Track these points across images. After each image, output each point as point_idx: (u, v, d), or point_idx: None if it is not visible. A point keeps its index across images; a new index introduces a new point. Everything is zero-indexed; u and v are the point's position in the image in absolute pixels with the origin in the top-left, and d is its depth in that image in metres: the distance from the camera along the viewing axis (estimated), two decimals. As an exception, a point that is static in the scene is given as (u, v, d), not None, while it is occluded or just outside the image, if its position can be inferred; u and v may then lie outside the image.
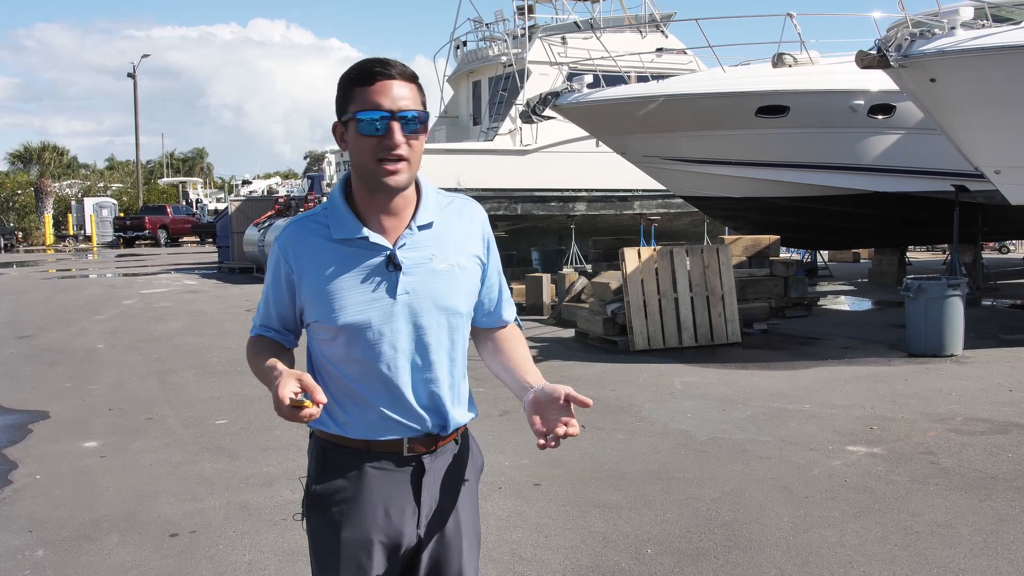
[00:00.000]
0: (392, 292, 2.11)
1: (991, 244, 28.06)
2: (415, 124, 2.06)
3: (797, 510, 5.19)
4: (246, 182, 61.83)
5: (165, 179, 71.44)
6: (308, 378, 1.98)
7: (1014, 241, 28.06)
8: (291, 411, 1.92)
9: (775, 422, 7.31)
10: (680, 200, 18.51)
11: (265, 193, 46.08)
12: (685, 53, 21.14)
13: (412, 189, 2.17)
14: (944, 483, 5.63)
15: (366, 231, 2.11)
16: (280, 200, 27.18)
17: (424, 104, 2.12)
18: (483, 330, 2.43)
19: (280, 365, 2.08)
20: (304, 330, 2.27)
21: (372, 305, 2.11)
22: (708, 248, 12.07)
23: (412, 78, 2.09)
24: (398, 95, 2.04)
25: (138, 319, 15.22)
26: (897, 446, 6.51)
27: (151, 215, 46.42)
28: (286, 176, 73.97)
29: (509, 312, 2.44)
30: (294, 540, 4.81)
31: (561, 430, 2.09)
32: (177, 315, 15.62)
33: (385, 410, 2.15)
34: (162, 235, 45.28)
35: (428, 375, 2.19)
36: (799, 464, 6.12)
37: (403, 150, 2.04)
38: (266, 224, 23.80)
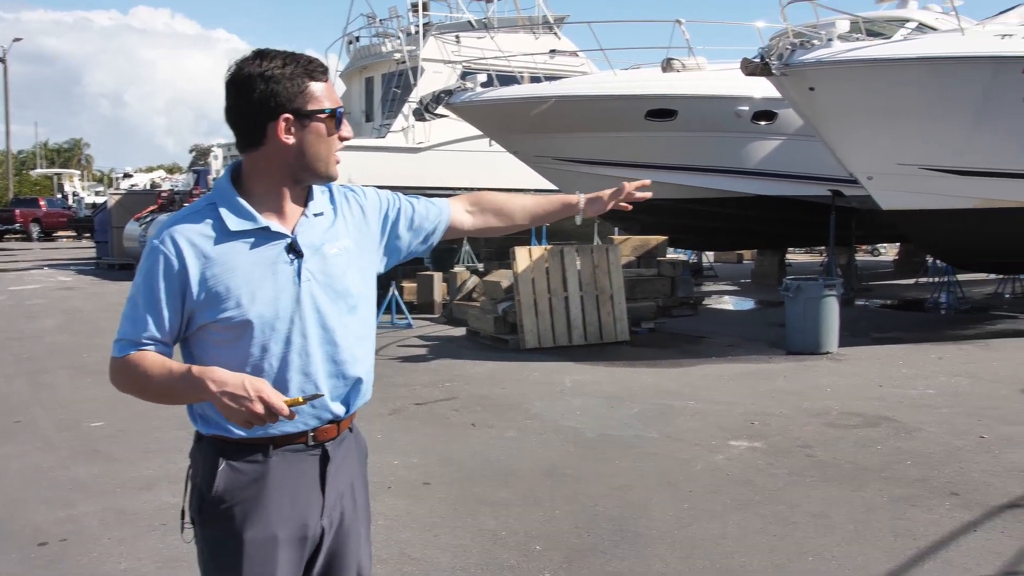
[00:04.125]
0: (297, 279, 2.11)
1: (864, 247, 29.26)
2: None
3: (682, 504, 5.33)
4: (127, 175, 59.57)
5: (38, 170, 68.42)
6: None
7: (885, 244, 29.32)
8: (271, 415, 1.93)
9: (662, 419, 7.49)
10: (570, 200, 18.70)
11: (148, 187, 44.60)
12: (577, 55, 21.39)
13: None
14: (819, 475, 5.87)
15: (266, 220, 2.11)
16: (164, 195, 26.39)
17: None
18: (470, 211, 2.60)
19: (219, 371, 1.97)
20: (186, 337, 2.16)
21: (280, 294, 2.09)
22: (598, 248, 12.26)
23: None
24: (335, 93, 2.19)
25: (7, 316, 14.56)
26: (776, 440, 6.75)
27: (22, 208, 44.31)
28: (171, 170, 71.81)
29: (446, 207, 2.55)
30: (175, 546, 4.66)
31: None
32: (50, 312, 15.01)
33: None
34: (35, 229, 43.23)
35: (336, 359, 2.19)
36: (684, 459, 6.28)
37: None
38: (148, 219, 23.03)
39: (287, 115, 2.08)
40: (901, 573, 4.31)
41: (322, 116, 2.11)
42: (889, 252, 29.15)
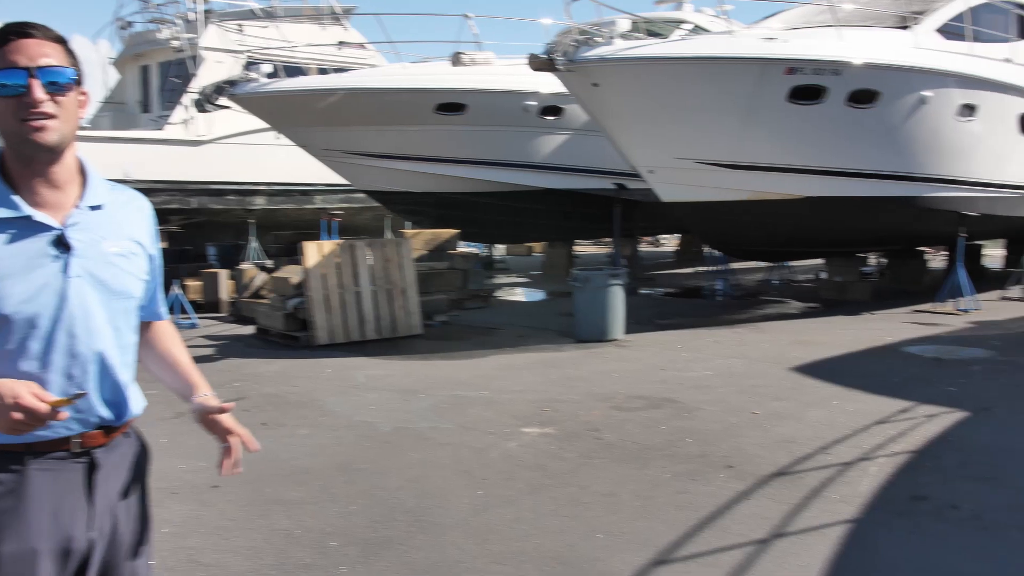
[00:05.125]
0: (64, 275, 1.97)
1: (647, 238, 30.63)
2: (60, 78, 1.96)
3: (476, 492, 5.38)
4: None
5: None
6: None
7: (667, 236, 30.81)
8: (34, 418, 1.78)
9: (456, 409, 7.54)
10: (362, 195, 18.54)
11: None
12: (365, 48, 21.17)
13: (75, 166, 2.06)
14: (608, 456, 6.09)
15: (29, 209, 1.96)
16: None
17: (75, 65, 2.01)
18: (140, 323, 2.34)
19: None
20: None
21: (44, 290, 1.95)
22: (389, 242, 12.21)
23: (58, 39, 1.99)
24: (37, 53, 1.94)
25: None
26: (567, 425, 6.94)
27: None
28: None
29: (164, 308, 2.43)
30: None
31: (227, 469, 2.34)
32: None
33: None
34: None
35: (105, 362, 2.06)
36: (478, 448, 6.35)
37: (48, 107, 1.93)
38: None
39: None
40: (683, 543, 4.53)
41: None
42: (670, 243, 30.63)
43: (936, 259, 20.80)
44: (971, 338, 10.91)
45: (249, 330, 12.16)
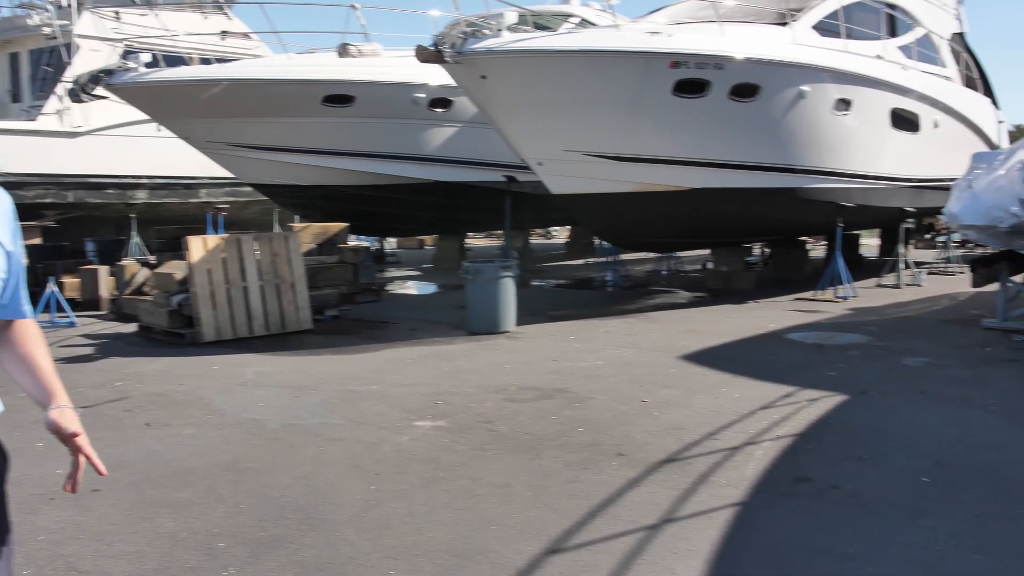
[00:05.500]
0: None
1: (539, 230, 30.87)
2: None
3: (369, 487, 5.32)
4: None
5: None
6: None
7: (558, 228, 31.12)
8: None
9: (347, 405, 7.44)
10: (249, 188, 18.14)
11: None
12: (250, 37, 20.71)
13: None
14: (500, 447, 6.10)
15: None
16: None
17: None
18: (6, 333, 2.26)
19: None
20: None
21: None
22: (277, 236, 11.97)
23: None
24: None
25: None
26: (460, 418, 6.93)
27: None
28: None
29: (28, 307, 2.32)
30: None
31: (68, 486, 2.25)
32: None
33: None
34: None
35: None
36: (370, 443, 6.28)
37: None
38: None
39: None
40: (575, 531, 4.58)
41: None
42: (562, 235, 30.93)
43: (817, 248, 21.58)
44: (849, 324, 11.35)
45: (131, 328, 11.76)
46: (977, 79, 19.34)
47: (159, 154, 18.87)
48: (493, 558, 4.28)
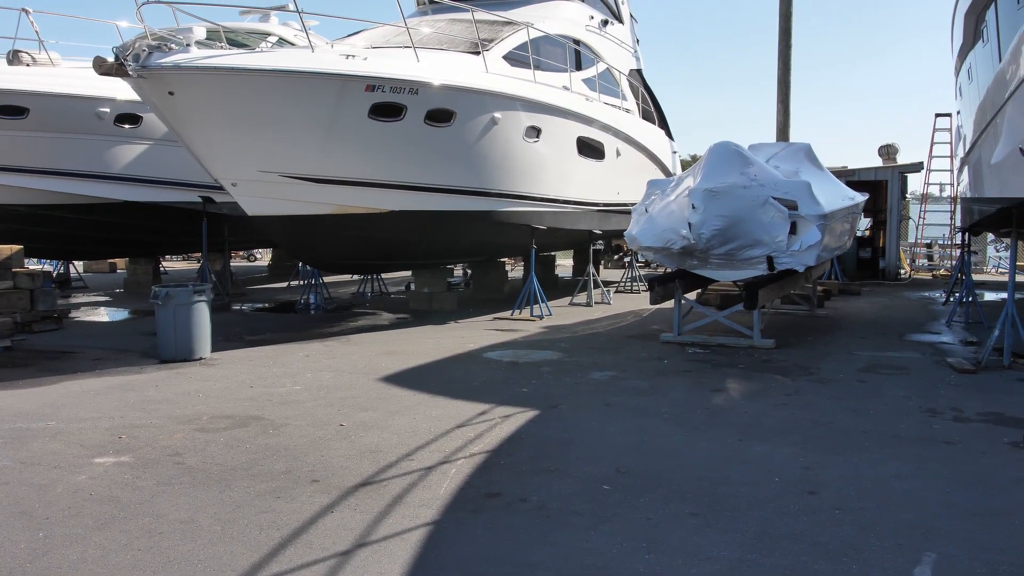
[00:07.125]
0: None
1: (240, 252, 29.93)
2: None
3: (36, 534, 4.89)
4: None
5: None
6: None
7: (261, 250, 30.31)
8: None
9: (15, 444, 6.80)
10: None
11: None
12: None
13: None
14: (188, 481, 5.82)
15: None
16: None
17: None
18: None
19: None
20: None
21: None
22: (-64, 260, 10.77)
23: None
24: None
25: None
26: (145, 452, 6.54)
27: None
28: None
29: None
30: None
31: None
32: None
33: None
34: None
35: None
36: (41, 485, 5.78)
37: None
38: None
39: None
40: (265, 563, 4.45)
41: None
42: (265, 257, 30.18)
43: (516, 268, 22.49)
44: (543, 342, 11.92)
45: None
46: (653, 112, 21.07)
47: None
48: (173, 599, 4.07)
